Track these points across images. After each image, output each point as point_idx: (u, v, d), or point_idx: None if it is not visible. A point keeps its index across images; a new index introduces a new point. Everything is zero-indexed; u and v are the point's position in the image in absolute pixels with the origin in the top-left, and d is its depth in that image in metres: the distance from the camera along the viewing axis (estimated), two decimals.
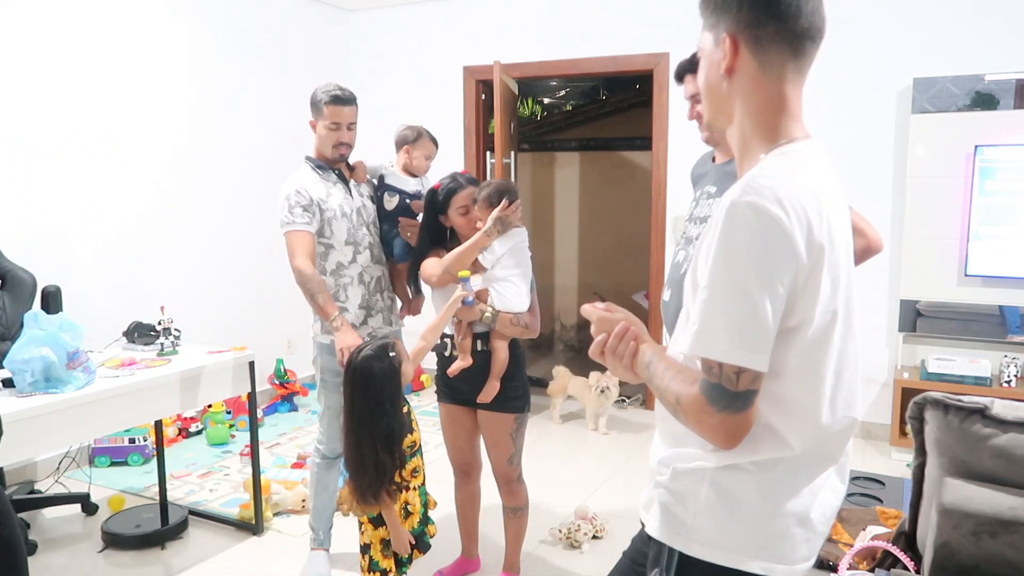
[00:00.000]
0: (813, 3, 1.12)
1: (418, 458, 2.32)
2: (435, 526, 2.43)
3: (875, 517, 1.94)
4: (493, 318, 2.46)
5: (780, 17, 1.11)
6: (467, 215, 2.53)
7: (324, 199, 2.72)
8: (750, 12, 1.11)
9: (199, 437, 4.43)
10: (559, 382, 4.80)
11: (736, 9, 1.12)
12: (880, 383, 4.29)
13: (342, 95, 2.71)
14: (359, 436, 2.15)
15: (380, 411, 2.15)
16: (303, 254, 2.65)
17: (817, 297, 1.08)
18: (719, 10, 1.15)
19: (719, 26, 1.15)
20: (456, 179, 2.57)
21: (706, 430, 1.09)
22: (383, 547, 2.28)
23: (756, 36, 1.12)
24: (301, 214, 2.67)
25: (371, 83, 5.56)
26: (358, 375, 2.17)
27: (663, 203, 4.81)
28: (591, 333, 1.29)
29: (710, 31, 1.18)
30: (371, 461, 2.13)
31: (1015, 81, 3.83)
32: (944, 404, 1.47)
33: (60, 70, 3.81)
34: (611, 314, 1.28)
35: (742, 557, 1.15)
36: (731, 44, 1.13)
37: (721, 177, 1.96)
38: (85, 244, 3.97)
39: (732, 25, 1.13)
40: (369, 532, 2.29)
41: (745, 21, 1.12)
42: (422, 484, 2.35)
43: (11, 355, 2.48)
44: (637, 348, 1.23)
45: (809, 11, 1.11)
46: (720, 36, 1.15)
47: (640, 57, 4.77)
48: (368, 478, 2.14)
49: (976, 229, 3.87)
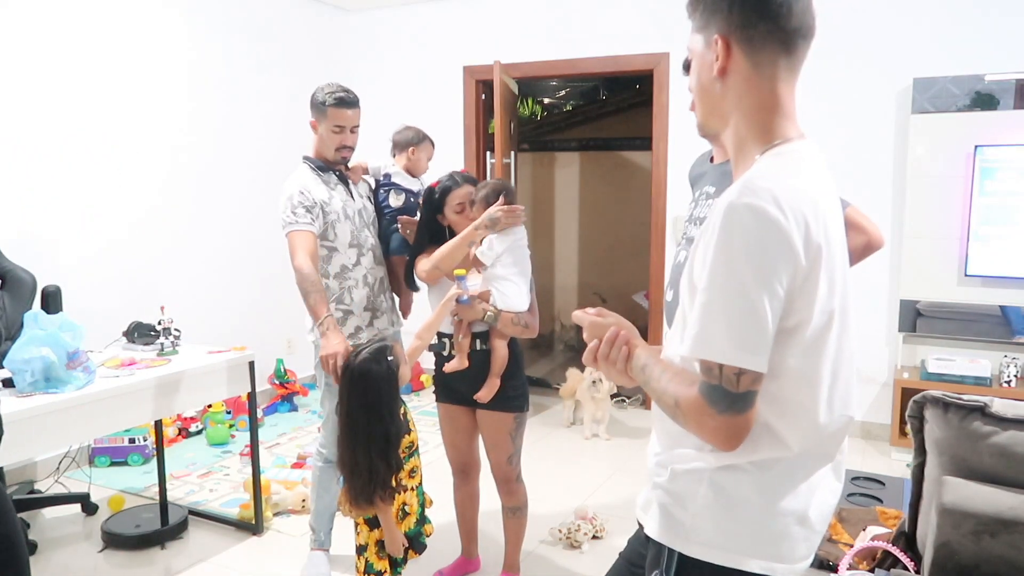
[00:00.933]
0: (804, 2, 1.12)
1: (416, 458, 2.32)
2: (432, 525, 2.42)
3: (875, 517, 1.94)
4: (495, 317, 2.46)
5: (772, 17, 1.11)
6: (462, 212, 2.53)
7: (327, 201, 2.70)
8: (741, 13, 1.11)
9: (199, 437, 4.43)
10: (571, 384, 4.65)
11: (727, 10, 1.12)
12: (880, 383, 4.29)
13: (346, 97, 2.67)
14: (354, 440, 2.14)
15: (376, 416, 2.13)
16: (304, 252, 2.60)
17: (815, 298, 1.08)
18: (709, 11, 1.15)
19: (710, 27, 1.15)
20: (453, 178, 2.58)
21: (707, 432, 1.09)
22: (378, 548, 2.27)
23: (748, 36, 1.12)
24: (304, 214, 2.63)
25: (371, 83, 5.56)
26: (356, 379, 2.15)
27: (663, 203, 4.81)
28: (584, 339, 1.29)
29: (700, 32, 1.18)
30: (364, 465, 2.12)
31: (1015, 81, 3.83)
32: (944, 402, 1.47)
33: (61, 70, 3.81)
34: (602, 319, 1.27)
35: (742, 556, 1.15)
36: (723, 45, 1.13)
37: (719, 177, 1.96)
38: (85, 244, 3.97)
39: (724, 26, 1.13)
40: (365, 533, 2.29)
41: (737, 22, 1.12)
42: (419, 484, 2.34)
43: (11, 355, 2.48)
44: (630, 352, 1.22)
45: (800, 10, 1.12)
46: (711, 37, 1.15)
47: (640, 57, 4.77)
48: (361, 482, 2.13)
49: (976, 229, 3.87)
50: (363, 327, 2.79)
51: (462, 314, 2.45)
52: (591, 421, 4.50)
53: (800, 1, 1.12)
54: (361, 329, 2.79)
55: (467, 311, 2.44)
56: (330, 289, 2.74)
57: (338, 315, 2.74)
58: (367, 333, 2.79)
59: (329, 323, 2.55)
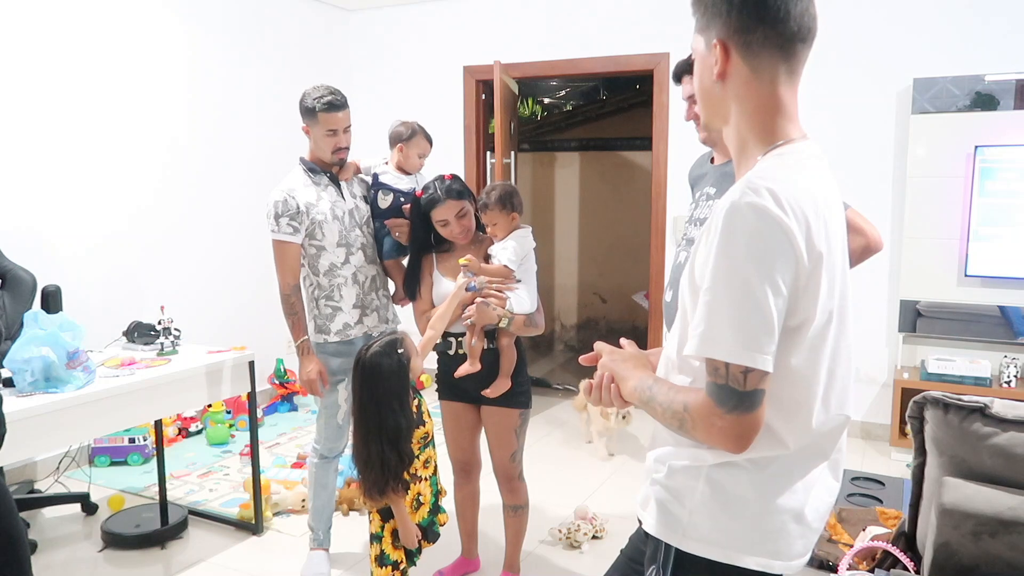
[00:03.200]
0: (802, 5, 1.12)
1: (431, 449, 2.34)
2: (446, 515, 2.45)
3: (875, 517, 1.94)
4: (510, 322, 2.47)
5: (769, 22, 1.11)
6: (446, 228, 2.53)
7: (313, 203, 2.72)
8: (739, 18, 1.12)
9: (199, 437, 4.43)
10: (583, 396, 4.36)
11: (726, 15, 1.13)
12: (880, 383, 4.29)
13: (335, 100, 2.69)
14: (367, 432, 2.16)
15: (387, 409, 2.15)
16: (284, 269, 2.73)
17: (817, 297, 1.08)
18: (709, 14, 1.16)
19: (710, 30, 1.16)
20: (437, 190, 2.51)
21: (715, 433, 1.08)
22: (394, 539, 2.29)
23: (746, 42, 1.13)
24: (286, 224, 2.68)
25: (371, 83, 5.56)
26: (367, 372, 2.17)
27: (663, 203, 4.81)
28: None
29: (702, 34, 1.19)
30: (377, 457, 2.14)
31: (1015, 81, 3.83)
32: (944, 403, 1.47)
33: (61, 69, 3.81)
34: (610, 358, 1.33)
35: (738, 553, 1.16)
36: (722, 50, 1.15)
37: (720, 178, 1.96)
38: (85, 244, 3.97)
39: (722, 31, 1.14)
40: (377, 522, 2.30)
41: (735, 27, 1.13)
42: (433, 473, 2.36)
43: (11, 355, 2.48)
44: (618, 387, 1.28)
45: (798, 13, 1.12)
46: (711, 41, 1.16)
47: (640, 57, 4.77)
48: (374, 474, 2.15)
49: (976, 229, 3.87)
50: (352, 324, 2.80)
51: (478, 318, 2.45)
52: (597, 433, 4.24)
53: (798, 5, 1.11)
54: (350, 326, 2.80)
55: (483, 315, 2.44)
56: (320, 287, 2.79)
57: (327, 312, 2.79)
58: (356, 330, 2.81)
59: (304, 348, 2.73)
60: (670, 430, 1.19)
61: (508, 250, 2.52)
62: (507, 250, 2.52)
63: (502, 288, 2.49)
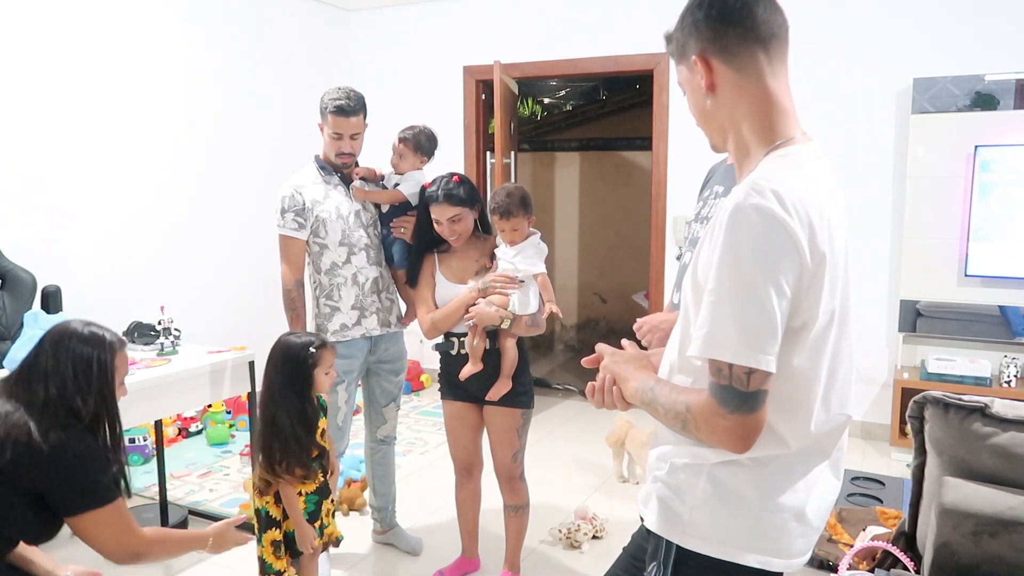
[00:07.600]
0: (766, 10, 1.16)
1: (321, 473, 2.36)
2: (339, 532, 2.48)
3: (875, 517, 1.94)
4: (512, 323, 2.48)
5: (737, 21, 1.16)
6: (439, 226, 2.53)
7: (320, 200, 2.75)
8: (708, 28, 1.17)
9: (199, 437, 4.43)
10: (619, 432, 3.76)
11: (695, 31, 1.19)
12: (880, 383, 4.29)
13: (345, 106, 2.69)
14: (275, 408, 2.23)
15: (291, 390, 2.24)
16: (287, 263, 2.76)
17: (820, 298, 1.09)
18: (682, 41, 1.22)
19: (687, 54, 1.21)
20: (439, 189, 2.51)
21: (719, 434, 1.09)
22: (274, 548, 2.31)
23: (723, 46, 1.17)
24: (292, 219, 2.72)
25: (371, 83, 5.54)
26: (277, 351, 2.29)
27: (663, 203, 4.80)
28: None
29: (682, 62, 1.24)
30: (288, 430, 2.21)
31: (1015, 81, 3.83)
32: (944, 403, 1.47)
33: (61, 69, 3.80)
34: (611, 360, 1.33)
35: (738, 550, 1.16)
36: (703, 64, 1.19)
37: (727, 176, 1.95)
38: (85, 244, 3.96)
39: (698, 46, 1.19)
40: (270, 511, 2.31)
41: (707, 37, 1.17)
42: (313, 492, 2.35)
43: (11, 355, 2.48)
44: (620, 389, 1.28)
45: (761, 9, 1.16)
46: (691, 62, 1.20)
47: (640, 57, 4.77)
48: (281, 447, 2.20)
49: (976, 229, 3.87)
50: (349, 325, 2.80)
51: (480, 320, 2.46)
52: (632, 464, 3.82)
53: (763, 10, 1.16)
54: (347, 327, 2.80)
55: (485, 317, 2.45)
56: (321, 285, 2.81)
57: (326, 311, 2.81)
58: (354, 332, 2.81)
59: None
60: (672, 431, 1.19)
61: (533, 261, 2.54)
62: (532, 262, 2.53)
63: (504, 289, 2.49)
